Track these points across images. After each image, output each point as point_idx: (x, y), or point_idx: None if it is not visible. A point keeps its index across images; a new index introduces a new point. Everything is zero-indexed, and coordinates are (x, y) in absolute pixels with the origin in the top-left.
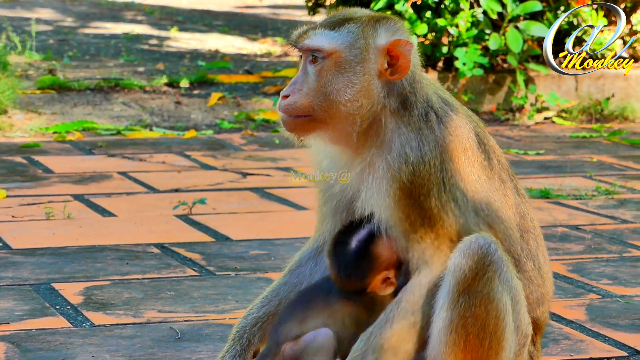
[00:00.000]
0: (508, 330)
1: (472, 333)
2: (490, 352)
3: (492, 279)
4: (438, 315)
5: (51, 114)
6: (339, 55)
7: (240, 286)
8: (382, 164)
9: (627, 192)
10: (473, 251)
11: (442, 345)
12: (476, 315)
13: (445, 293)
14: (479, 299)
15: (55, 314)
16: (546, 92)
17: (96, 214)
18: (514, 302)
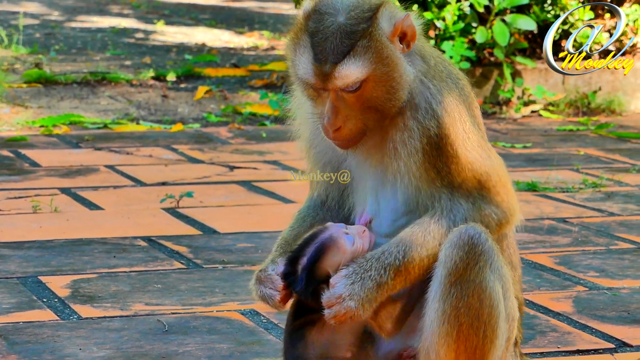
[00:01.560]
0: (501, 318)
1: (465, 323)
2: (485, 340)
3: (484, 269)
4: (430, 306)
5: (38, 108)
6: (373, 75)
7: (227, 279)
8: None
9: (614, 185)
10: (464, 241)
11: (435, 337)
12: (469, 305)
13: (437, 284)
14: (472, 288)
15: (42, 307)
16: (533, 85)
17: (83, 207)
18: (504, 289)
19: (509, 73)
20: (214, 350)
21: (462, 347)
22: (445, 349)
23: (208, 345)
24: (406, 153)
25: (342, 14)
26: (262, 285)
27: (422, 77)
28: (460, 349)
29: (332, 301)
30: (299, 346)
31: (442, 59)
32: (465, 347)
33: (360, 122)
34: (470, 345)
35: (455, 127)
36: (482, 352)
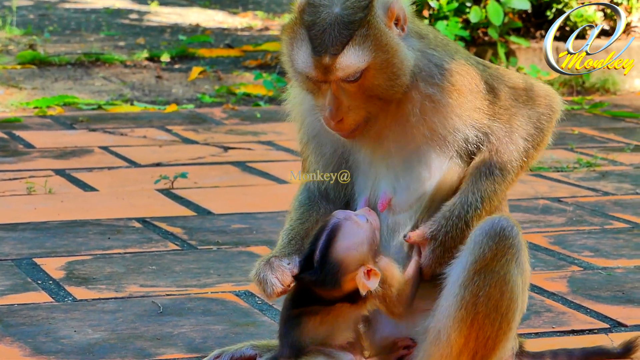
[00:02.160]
0: (517, 312)
1: (482, 312)
2: (500, 332)
3: (510, 262)
4: (450, 289)
5: (32, 89)
6: (374, 63)
7: (222, 260)
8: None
9: (608, 164)
10: (495, 232)
11: (449, 320)
12: (489, 295)
13: (461, 269)
14: (495, 279)
15: (37, 289)
16: (527, 64)
17: (77, 189)
18: (523, 284)
19: (503, 52)
20: (208, 331)
21: (474, 335)
22: (456, 334)
23: (203, 327)
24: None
25: (337, 5)
26: (270, 271)
27: (425, 50)
28: (471, 336)
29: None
30: (295, 333)
31: (438, 33)
32: (477, 336)
33: (363, 111)
34: (482, 335)
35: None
36: (493, 343)
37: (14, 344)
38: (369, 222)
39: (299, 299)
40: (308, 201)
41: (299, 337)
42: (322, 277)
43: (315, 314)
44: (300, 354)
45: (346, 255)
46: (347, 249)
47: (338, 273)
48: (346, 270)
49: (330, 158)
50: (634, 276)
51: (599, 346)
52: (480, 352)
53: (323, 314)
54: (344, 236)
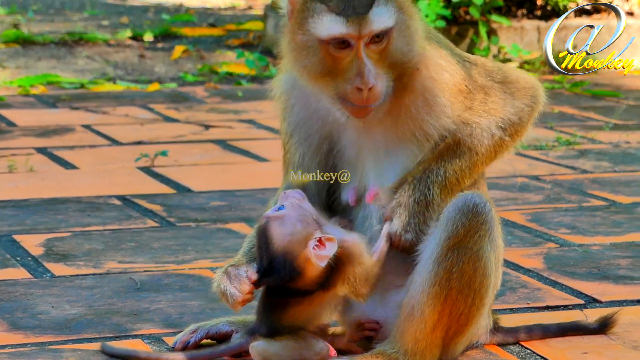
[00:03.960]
0: (490, 288)
1: (455, 288)
2: (472, 308)
3: (483, 238)
4: (424, 265)
5: (15, 68)
6: (397, 25)
7: (200, 237)
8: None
9: (587, 143)
10: (468, 208)
11: (423, 296)
12: (463, 271)
13: (435, 245)
14: (468, 255)
15: (16, 266)
16: (509, 43)
17: (59, 167)
18: (496, 260)
19: (485, 31)
20: (185, 307)
21: (448, 311)
22: (430, 309)
23: (179, 303)
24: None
25: None
26: (228, 280)
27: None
28: (445, 311)
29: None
30: (274, 316)
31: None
32: (451, 311)
33: (386, 80)
34: (456, 310)
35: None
36: (466, 319)
37: None
38: (288, 204)
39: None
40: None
41: (278, 321)
42: (278, 274)
43: (294, 302)
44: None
45: (286, 243)
46: (282, 238)
47: (288, 262)
48: (294, 255)
49: (317, 149)
50: (609, 253)
51: (575, 322)
52: (454, 327)
53: (302, 302)
54: (275, 231)
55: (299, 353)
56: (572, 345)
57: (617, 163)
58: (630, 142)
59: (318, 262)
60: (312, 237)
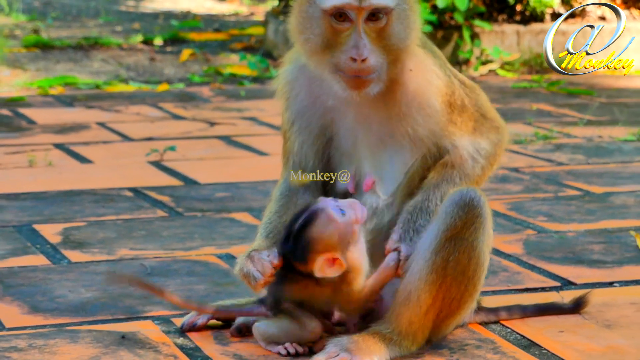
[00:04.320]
0: (482, 276)
1: (450, 276)
2: (465, 294)
3: (478, 230)
4: (422, 254)
5: (35, 70)
6: (397, 8)
7: (206, 225)
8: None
9: (563, 137)
10: (465, 202)
11: (420, 282)
12: (458, 261)
13: (433, 236)
14: (464, 246)
15: (35, 253)
16: (490, 46)
17: (75, 161)
18: (488, 250)
19: (468, 35)
20: (192, 290)
21: (441, 296)
22: (426, 295)
23: (187, 287)
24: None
25: None
26: (251, 264)
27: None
28: (439, 297)
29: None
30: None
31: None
32: (444, 297)
33: (380, 58)
34: (449, 297)
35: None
36: (458, 304)
37: (14, 302)
38: (346, 215)
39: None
40: (287, 192)
41: (282, 292)
42: (293, 249)
43: (297, 280)
44: (277, 307)
45: (316, 238)
46: (318, 233)
47: (306, 249)
48: (313, 250)
49: (316, 138)
50: (584, 239)
51: (552, 302)
52: (445, 311)
53: (303, 283)
54: (317, 224)
55: (294, 333)
56: (549, 324)
57: (590, 156)
58: (602, 136)
59: (319, 273)
60: (332, 252)
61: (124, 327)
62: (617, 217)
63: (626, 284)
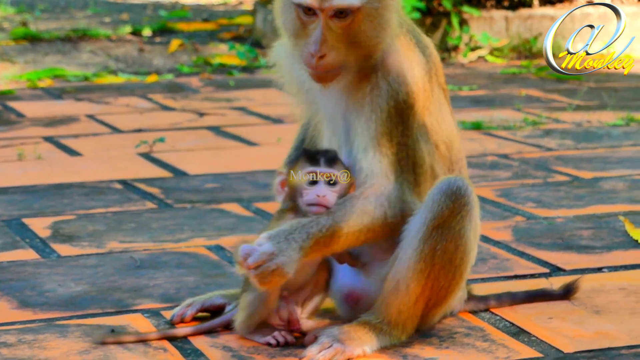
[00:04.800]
0: (469, 265)
1: (438, 264)
2: (452, 282)
3: (465, 218)
4: (409, 243)
5: (24, 63)
6: (366, 8)
7: (195, 217)
8: (383, 83)
9: (552, 123)
10: (452, 191)
11: (409, 271)
12: (445, 249)
13: (420, 225)
14: (451, 234)
15: (25, 247)
16: (479, 32)
17: (64, 154)
18: (475, 238)
19: (457, 22)
20: (181, 283)
21: (430, 285)
22: (415, 284)
23: (176, 279)
24: (370, 109)
25: None
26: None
27: (395, 40)
28: (427, 285)
29: (262, 258)
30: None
31: (412, 26)
32: (433, 286)
33: (343, 55)
34: (437, 285)
35: (419, 98)
36: (446, 292)
37: (3, 298)
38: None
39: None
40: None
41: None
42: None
43: None
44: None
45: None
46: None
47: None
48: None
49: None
50: (572, 225)
51: (542, 289)
52: (433, 299)
53: None
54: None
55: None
56: (538, 311)
57: (579, 141)
58: (591, 121)
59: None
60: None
61: (113, 320)
62: (606, 202)
63: (615, 270)
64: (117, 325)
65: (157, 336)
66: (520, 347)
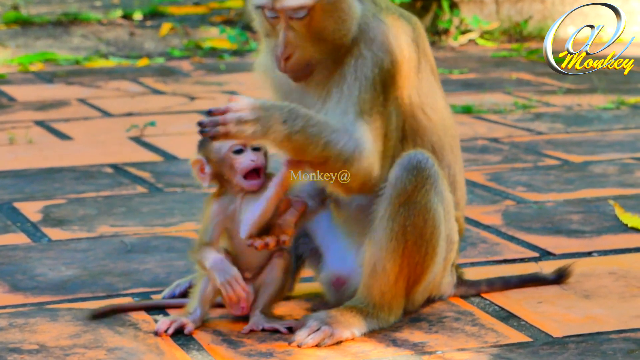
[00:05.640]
0: (441, 238)
1: (410, 240)
2: (427, 257)
3: (429, 191)
4: (379, 223)
5: (16, 47)
6: (320, 5)
7: (186, 201)
8: (368, 54)
9: (542, 106)
10: (412, 165)
11: (383, 252)
12: (415, 225)
13: (387, 204)
14: (418, 209)
15: (16, 231)
16: (469, 15)
17: (55, 138)
18: (445, 212)
19: (447, 5)
20: (172, 267)
21: (406, 262)
22: (391, 264)
23: (167, 263)
24: (353, 78)
25: None
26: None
27: (376, 14)
28: (404, 263)
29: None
30: None
31: (392, 3)
32: (409, 263)
33: (309, 52)
34: (412, 261)
35: (404, 66)
36: (422, 268)
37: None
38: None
39: None
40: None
41: None
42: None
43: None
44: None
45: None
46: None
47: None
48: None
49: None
50: (562, 209)
51: (534, 273)
52: (413, 276)
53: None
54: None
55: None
56: (528, 295)
57: (569, 125)
58: (581, 104)
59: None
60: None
61: (104, 304)
62: (596, 186)
63: (605, 254)
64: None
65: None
66: (510, 332)
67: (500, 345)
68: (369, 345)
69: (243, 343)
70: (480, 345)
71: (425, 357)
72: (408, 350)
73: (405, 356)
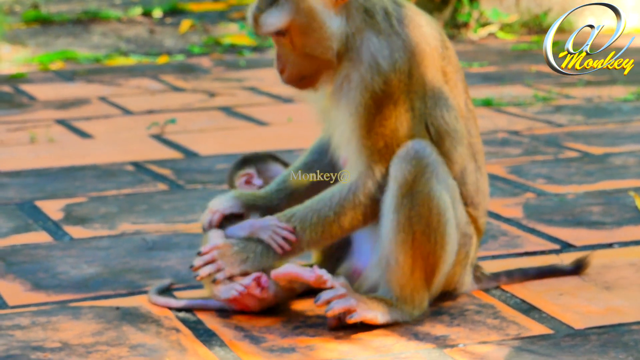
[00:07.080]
0: (450, 225)
1: (418, 231)
2: (437, 246)
3: (430, 179)
4: (386, 217)
5: (36, 46)
6: (294, 25)
7: (207, 198)
8: (355, 75)
9: (562, 99)
10: (411, 156)
11: (392, 245)
12: (420, 214)
13: (391, 197)
14: (421, 198)
15: (38, 230)
16: (489, 8)
17: (76, 137)
18: (452, 199)
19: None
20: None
21: (418, 253)
22: (403, 256)
23: (188, 260)
24: (345, 103)
25: None
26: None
27: (364, 30)
28: (416, 254)
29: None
30: None
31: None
32: (421, 253)
33: (298, 66)
34: (424, 251)
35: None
36: (434, 257)
37: (16, 280)
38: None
39: None
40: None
41: None
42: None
43: None
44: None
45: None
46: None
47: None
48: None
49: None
50: (583, 201)
51: (552, 265)
52: (428, 267)
53: None
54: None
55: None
56: (549, 287)
57: (590, 117)
58: (601, 96)
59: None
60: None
61: (126, 302)
62: (616, 178)
63: (625, 245)
64: (130, 306)
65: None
66: (531, 324)
67: (521, 337)
68: (391, 339)
69: (265, 339)
70: (502, 337)
71: (447, 351)
72: (430, 343)
73: (427, 350)
